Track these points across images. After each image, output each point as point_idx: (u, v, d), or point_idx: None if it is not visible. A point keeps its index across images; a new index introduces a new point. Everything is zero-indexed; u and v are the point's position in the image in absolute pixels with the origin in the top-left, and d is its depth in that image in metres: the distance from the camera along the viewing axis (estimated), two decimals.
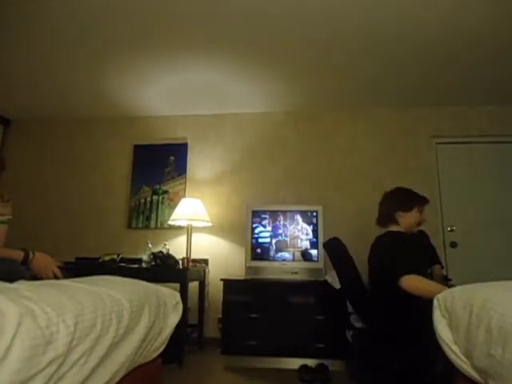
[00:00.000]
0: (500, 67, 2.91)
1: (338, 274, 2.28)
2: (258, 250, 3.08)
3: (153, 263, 2.91)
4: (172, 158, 3.78)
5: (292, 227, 3.12)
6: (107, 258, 3.06)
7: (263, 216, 3.16)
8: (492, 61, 2.82)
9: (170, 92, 3.41)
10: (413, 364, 1.75)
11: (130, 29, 2.49)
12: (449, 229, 3.41)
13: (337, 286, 2.73)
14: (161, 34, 2.55)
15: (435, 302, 1.30)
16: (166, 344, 1.48)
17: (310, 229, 3.09)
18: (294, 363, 2.62)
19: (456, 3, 2.20)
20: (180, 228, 3.51)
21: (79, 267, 3.11)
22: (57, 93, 3.47)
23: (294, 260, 3.03)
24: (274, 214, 3.16)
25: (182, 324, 1.74)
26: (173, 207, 3.47)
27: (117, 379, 1.10)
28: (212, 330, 3.30)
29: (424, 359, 1.65)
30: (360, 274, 2.25)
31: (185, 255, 3.16)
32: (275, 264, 3.02)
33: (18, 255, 1.64)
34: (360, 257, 3.15)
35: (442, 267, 2.62)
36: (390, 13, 2.29)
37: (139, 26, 2.45)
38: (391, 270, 1.88)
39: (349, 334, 2.51)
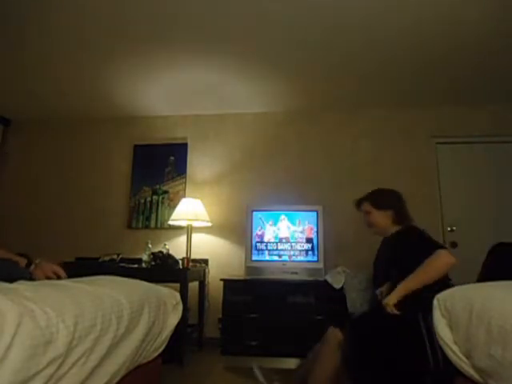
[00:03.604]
0: (501, 66, 2.90)
1: None
2: (258, 250, 3.08)
3: (153, 263, 2.91)
4: (172, 158, 3.78)
5: (292, 227, 3.12)
6: (107, 258, 3.06)
7: (263, 216, 3.16)
8: (493, 60, 2.82)
9: (170, 92, 3.41)
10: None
11: (130, 29, 2.49)
12: (449, 229, 3.40)
13: (337, 285, 2.73)
14: (161, 34, 2.55)
15: (435, 302, 1.30)
16: (165, 344, 1.48)
17: (310, 229, 3.08)
18: (294, 363, 2.62)
19: (456, 2, 2.20)
20: (180, 228, 3.51)
21: (79, 267, 3.11)
22: (57, 93, 3.47)
23: (294, 260, 3.03)
24: (273, 214, 3.16)
25: (181, 324, 1.74)
26: (173, 207, 3.47)
27: (117, 379, 1.10)
28: (212, 330, 3.30)
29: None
30: None
31: (185, 255, 3.16)
32: (275, 264, 3.02)
33: (21, 261, 1.62)
34: (360, 256, 3.16)
35: None
36: (390, 12, 2.29)
37: (139, 26, 2.45)
38: None
39: None
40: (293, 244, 3.07)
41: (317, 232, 3.05)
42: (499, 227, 3.35)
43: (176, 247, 3.43)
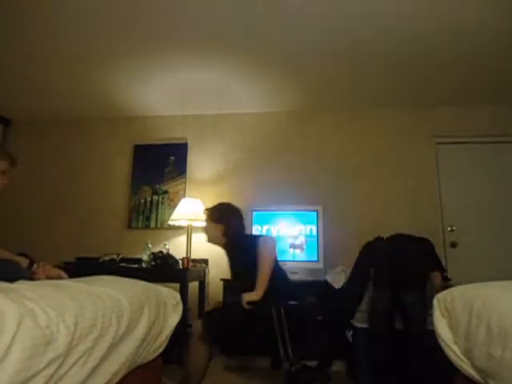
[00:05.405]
0: (501, 67, 2.90)
1: None
2: None
3: (153, 263, 2.91)
4: (172, 157, 3.78)
5: (292, 227, 3.12)
6: (107, 258, 3.06)
7: (263, 216, 3.16)
8: (493, 61, 2.82)
9: (169, 92, 3.41)
10: None
11: (130, 29, 2.49)
12: (449, 229, 3.40)
13: (337, 285, 2.73)
14: (160, 34, 2.55)
15: (435, 302, 1.31)
16: (165, 344, 1.48)
17: (310, 229, 3.08)
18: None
19: (455, 2, 2.20)
20: (180, 228, 3.51)
21: (79, 267, 3.11)
22: (57, 93, 3.47)
23: (294, 260, 3.03)
24: (274, 214, 3.16)
25: (181, 324, 1.74)
26: (173, 207, 3.47)
27: (117, 379, 1.10)
28: None
29: None
30: None
31: (185, 255, 3.16)
32: None
33: (22, 261, 1.63)
34: None
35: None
36: (391, 12, 2.29)
37: (139, 26, 2.45)
38: None
39: (349, 334, 2.52)
40: (293, 244, 3.07)
41: (317, 232, 3.05)
42: (499, 227, 3.36)
43: (176, 247, 3.42)
